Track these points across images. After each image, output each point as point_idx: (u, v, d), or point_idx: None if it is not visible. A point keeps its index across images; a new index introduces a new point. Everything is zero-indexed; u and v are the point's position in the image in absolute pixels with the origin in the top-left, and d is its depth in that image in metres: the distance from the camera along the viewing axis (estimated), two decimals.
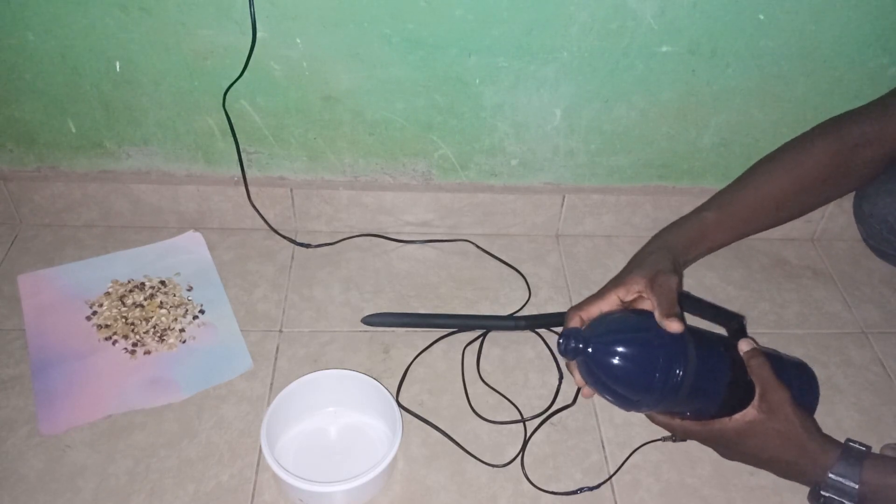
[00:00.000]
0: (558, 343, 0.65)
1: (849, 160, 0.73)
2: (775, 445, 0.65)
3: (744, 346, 0.67)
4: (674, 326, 0.63)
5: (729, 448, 0.68)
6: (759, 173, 0.77)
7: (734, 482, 0.74)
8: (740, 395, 0.66)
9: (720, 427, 0.66)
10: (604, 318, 0.68)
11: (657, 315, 0.65)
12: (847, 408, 0.83)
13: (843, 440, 0.65)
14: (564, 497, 0.72)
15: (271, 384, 0.81)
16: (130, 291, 0.89)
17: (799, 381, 0.69)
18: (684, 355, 0.63)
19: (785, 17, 0.82)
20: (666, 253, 0.71)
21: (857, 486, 0.61)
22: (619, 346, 0.63)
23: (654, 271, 0.68)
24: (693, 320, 0.73)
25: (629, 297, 0.68)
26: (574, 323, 0.69)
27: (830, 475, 0.62)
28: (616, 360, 0.63)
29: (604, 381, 0.65)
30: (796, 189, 0.75)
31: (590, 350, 0.63)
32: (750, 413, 0.65)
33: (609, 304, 0.68)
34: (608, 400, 0.67)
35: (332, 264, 0.96)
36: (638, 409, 0.67)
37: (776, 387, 0.64)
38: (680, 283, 0.69)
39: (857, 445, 0.63)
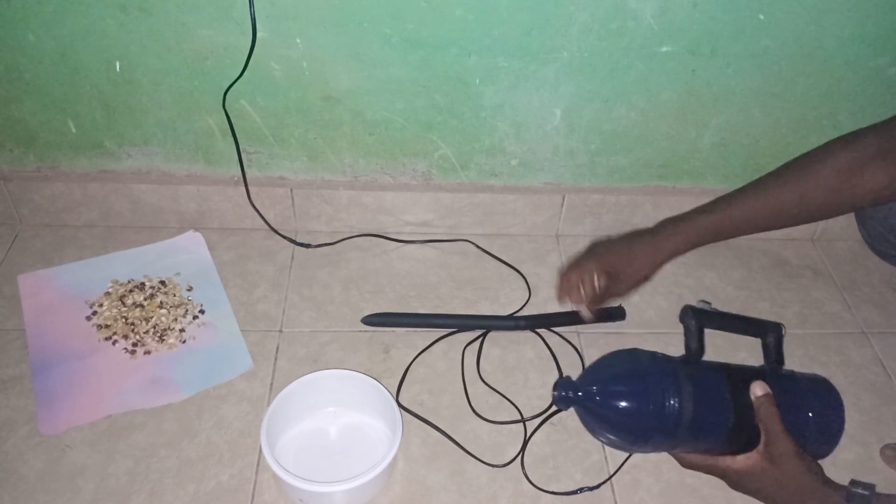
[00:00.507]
0: (552, 393, 0.67)
1: (860, 175, 0.72)
2: (776, 493, 0.65)
3: (756, 391, 0.65)
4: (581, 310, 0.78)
5: (732, 484, 0.68)
6: (771, 181, 0.77)
7: None
8: (748, 433, 0.65)
9: (724, 465, 0.67)
10: (597, 365, 0.68)
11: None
12: (847, 408, 0.81)
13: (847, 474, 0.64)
14: (564, 497, 0.72)
15: (271, 384, 0.81)
16: (130, 291, 0.89)
17: (819, 406, 0.67)
18: (679, 400, 0.63)
19: (785, 17, 0.82)
20: (653, 252, 0.78)
21: None
22: (610, 396, 0.64)
23: (618, 272, 0.77)
24: (723, 338, 0.74)
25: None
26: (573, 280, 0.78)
27: None
28: (608, 409, 0.64)
29: (599, 427, 0.66)
30: (802, 200, 0.74)
31: (582, 398, 0.65)
32: (753, 457, 0.65)
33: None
34: (607, 444, 0.67)
35: (332, 264, 0.96)
36: (638, 451, 0.67)
37: (781, 438, 0.63)
38: (657, 267, 0.78)
39: (860, 491, 0.62)
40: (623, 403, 0.63)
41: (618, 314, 0.89)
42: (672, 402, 0.63)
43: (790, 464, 0.63)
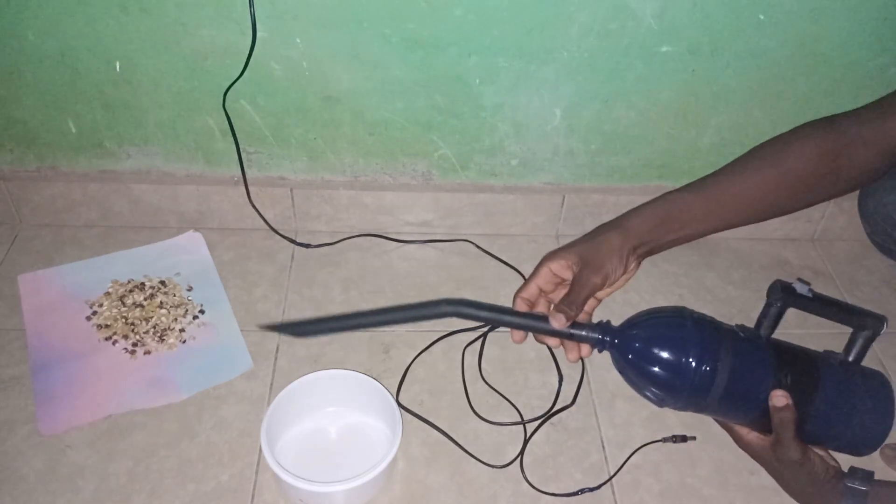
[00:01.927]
0: (591, 335, 0.65)
1: (840, 159, 0.71)
2: (776, 477, 0.67)
3: (775, 402, 0.62)
4: (553, 321, 0.62)
5: (738, 444, 0.69)
6: (743, 164, 0.74)
7: (734, 482, 0.74)
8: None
9: (738, 430, 0.68)
10: (642, 315, 0.67)
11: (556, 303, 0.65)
12: None
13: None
14: (565, 498, 0.72)
15: (271, 384, 0.81)
16: (130, 291, 0.89)
17: (866, 405, 0.64)
18: (712, 372, 0.62)
19: (785, 17, 0.82)
20: (621, 237, 0.68)
21: None
22: (644, 353, 0.64)
23: (586, 260, 0.66)
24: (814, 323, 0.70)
25: (561, 273, 0.67)
26: (519, 306, 0.67)
27: None
28: (639, 364, 0.64)
29: (628, 378, 0.66)
30: (780, 183, 0.72)
31: (617, 345, 0.64)
32: (765, 441, 0.65)
33: (543, 278, 0.67)
34: (644, 396, 0.67)
35: (332, 264, 0.96)
36: (670, 406, 0.67)
37: (789, 447, 0.62)
38: (633, 269, 0.69)
39: (856, 486, 0.62)
40: (654, 365, 0.63)
41: (605, 332, 0.65)
42: (704, 372, 0.62)
43: (793, 469, 0.64)
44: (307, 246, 0.98)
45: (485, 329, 0.88)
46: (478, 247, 1.00)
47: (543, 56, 0.84)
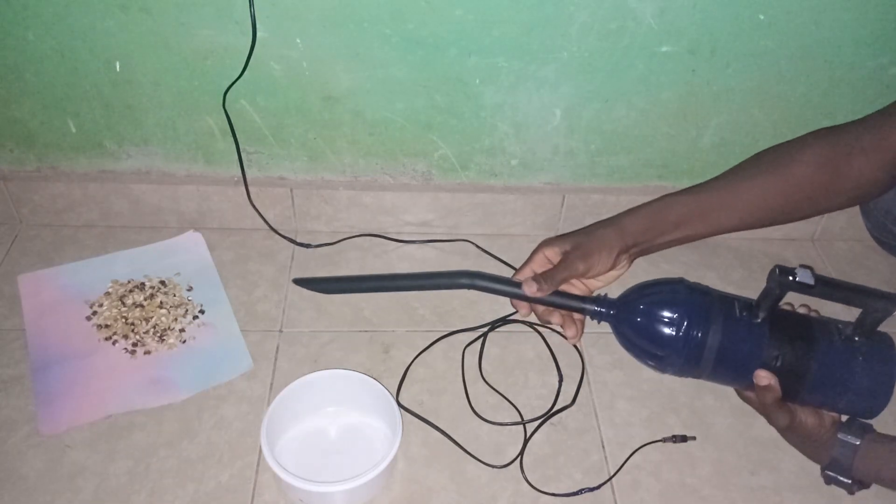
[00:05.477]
0: (591, 308, 0.70)
1: (839, 167, 0.71)
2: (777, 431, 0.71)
3: (757, 380, 0.64)
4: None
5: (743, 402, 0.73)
6: (743, 169, 0.76)
7: (734, 482, 0.74)
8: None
9: (739, 392, 0.72)
10: (640, 287, 0.71)
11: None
12: None
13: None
14: (565, 498, 0.72)
15: (271, 384, 0.81)
16: (130, 291, 0.89)
17: (866, 371, 0.64)
18: (702, 337, 0.65)
19: (785, 17, 0.82)
20: (616, 234, 0.72)
21: (849, 481, 0.66)
22: (638, 322, 0.68)
23: (576, 248, 0.70)
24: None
25: (553, 259, 0.72)
26: (529, 290, 0.70)
27: (827, 472, 0.67)
28: (635, 333, 0.68)
29: (625, 345, 0.70)
30: (779, 190, 0.73)
31: (614, 315, 0.69)
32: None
33: (538, 262, 0.72)
34: (642, 362, 0.71)
35: (332, 264, 0.96)
36: (669, 372, 0.70)
37: (775, 418, 0.67)
38: (624, 266, 0.73)
39: (849, 439, 0.65)
40: (648, 331, 0.67)
41: (601, 303, 0.70)
42: (695, 337, 0.65)
43: (785, 432, 0.69)
44: (307, 246, 0.98)
45: (485, 329, 0.88)
46: (478, 247, 1.00)
47: (543, 56, 0.84)
